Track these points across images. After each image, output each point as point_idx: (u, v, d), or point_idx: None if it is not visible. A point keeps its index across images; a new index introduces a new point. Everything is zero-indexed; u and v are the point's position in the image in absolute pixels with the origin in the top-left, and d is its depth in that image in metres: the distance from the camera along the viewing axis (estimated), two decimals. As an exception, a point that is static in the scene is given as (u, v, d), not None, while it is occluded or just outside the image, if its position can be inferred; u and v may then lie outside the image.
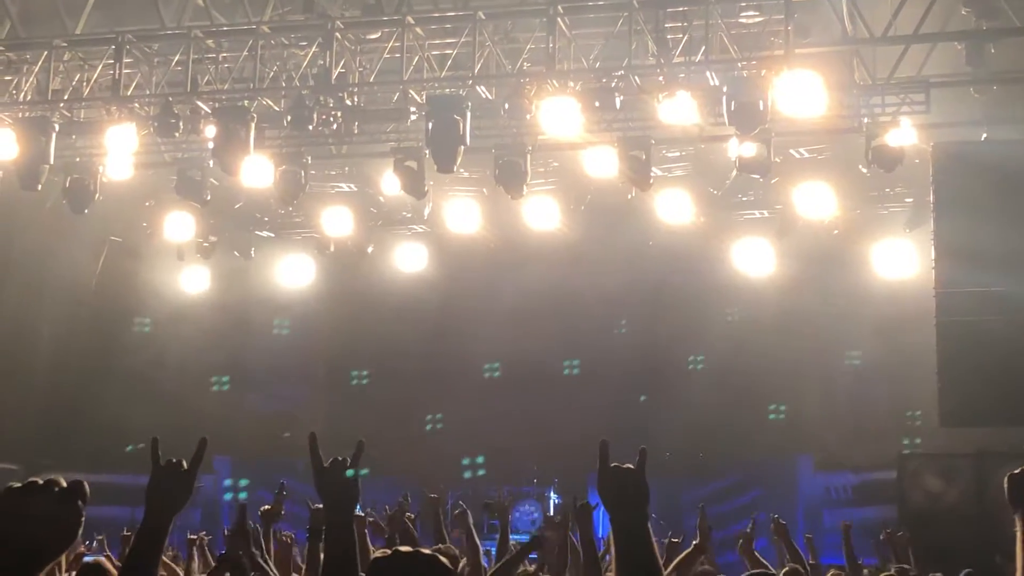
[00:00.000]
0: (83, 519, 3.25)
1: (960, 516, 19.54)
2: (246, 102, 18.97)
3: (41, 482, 3.28)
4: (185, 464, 4.30)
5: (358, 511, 5.00)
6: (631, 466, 4.24)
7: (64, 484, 3.30)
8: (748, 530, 11.30)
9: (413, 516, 11.16)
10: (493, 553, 11.11)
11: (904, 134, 18.41)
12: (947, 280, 19.14)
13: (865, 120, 18.78)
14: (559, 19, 17.76)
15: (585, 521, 7.68)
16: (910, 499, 20.20)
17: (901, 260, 22.23)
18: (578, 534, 8.16)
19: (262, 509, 9.62)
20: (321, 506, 4.58)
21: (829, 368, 23.71)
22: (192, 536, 12.28)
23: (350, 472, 4.45)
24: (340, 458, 4.48)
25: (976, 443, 19.92)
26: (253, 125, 18.64)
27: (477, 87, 18.71)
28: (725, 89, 17.03)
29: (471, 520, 10.17)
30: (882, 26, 17.98)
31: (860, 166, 19.55)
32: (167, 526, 4.20)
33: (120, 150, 19.55)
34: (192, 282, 25.89)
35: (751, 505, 22.69)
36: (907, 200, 22.27)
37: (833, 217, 21.47)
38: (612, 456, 4.26)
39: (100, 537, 15.80)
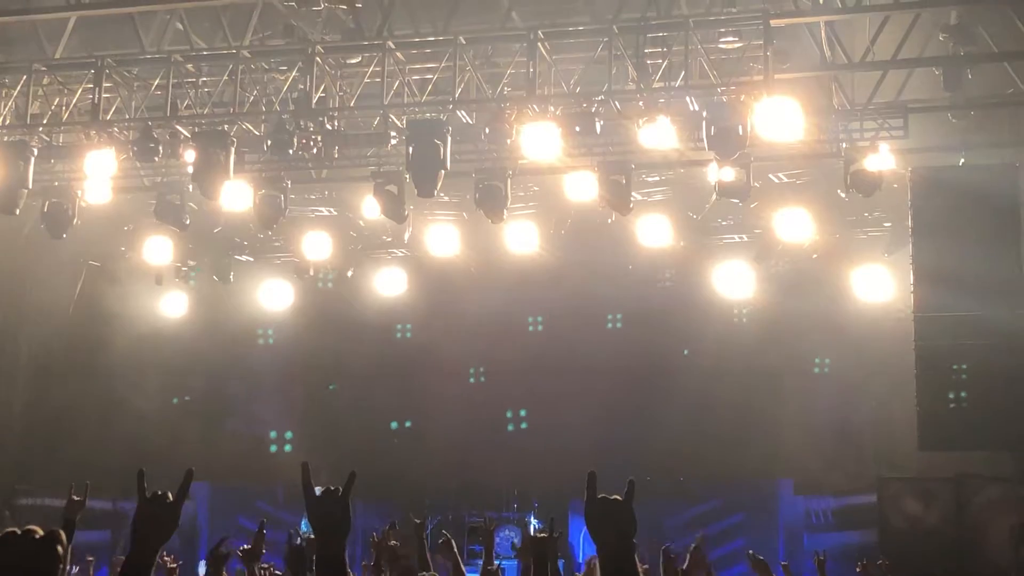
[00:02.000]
0: (60, 566, 3.23)
1: (940, 540, 19.59)
2: (226, 126, 18.94)
3: (19, 532, 3.27)
4: (171, 496, 4.31)
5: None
6: (619, 497, 4.26)
7: (41, 533, 3.29)
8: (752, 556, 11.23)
9: (397, 543, 11.09)
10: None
11: (882, 159, 18.50)
12: (926, 304, 19.23)
13: (844, 145, 18.87)
14: (539, 44, 17.81)
15: (551, 553, 7.63)
16: (890, 523, 20.23)
17: (880, 284, 22.29)
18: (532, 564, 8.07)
19: (242, 549, 9.54)
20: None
21: (809, 392, 23.74)
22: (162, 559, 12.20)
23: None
24: (332, 488, 4.46)
25: (955, 467, 19.98)
26: (233, 149, 18.62)
27: (457, 112, 18.74)
28: (705, 114, 17.08)
29: (455, 548, 10.12)
30: (860, 52, 18.12)
31: (839, 191, 19.64)
32: (153, 557, 4.22)
33: (99, 174, 19.48)
34: (171, 306, 25.80)
35: (733, 529, 22.72)
36: (886, 224, 22.36)
37: (812, 241, 21.54)
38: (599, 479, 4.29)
39: (91, 559, 15.81)
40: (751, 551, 11.36)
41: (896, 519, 20.15)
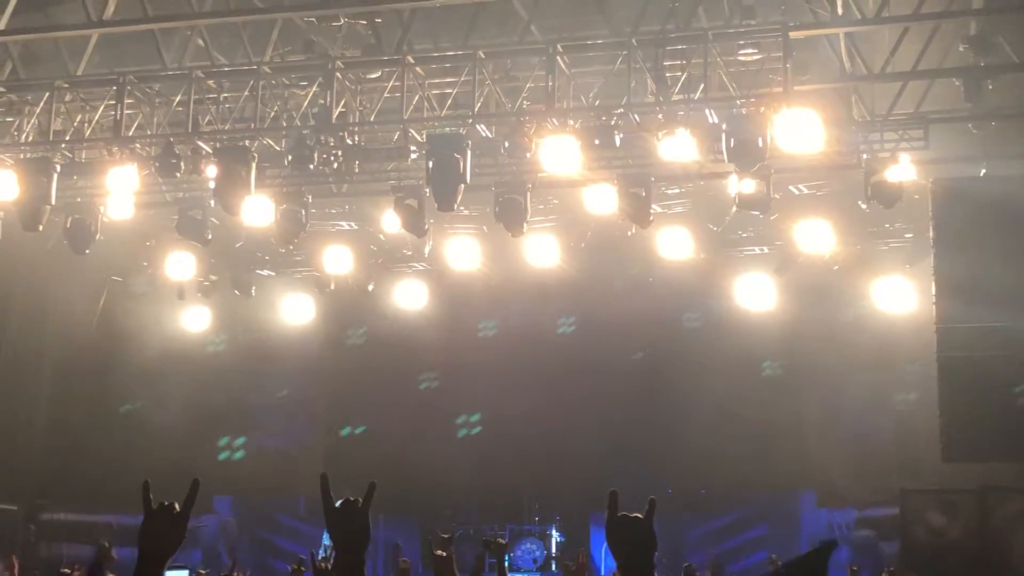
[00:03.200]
0: None
1: (963, 552, 19.50)
2: (247, 142, 19.02)
3: None
4: (178, 507, 4.27)
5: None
6: (639, 516, 4.28)
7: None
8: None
9: (409, 562, 11.06)
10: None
11: (903, 170, 18.46)
12: (948, 315, 19.15)
13: (864, 156, 18.84)
14: (558, 58, 17.82)
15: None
16: (913, 535, 20.15)
17: (901, 296, 22.22)
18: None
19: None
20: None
21: (831, 403, 23.68)
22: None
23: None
24: (352, 499, 4.46)
25: (978, 478, 19.88)
26: (254, 165, 18.68)
27: (477, 125, 18.77)
28: (724, 126, 17.07)
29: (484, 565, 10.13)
30: (880, 63, 18.08)
31: (860, 202, 19.59)
32: (161, 569, 4.18)
33: (121, 190, 19.59)
34: (193, 321, 25.89)
35: (755, 541, 22.67)
36: (907, 236, 22.30)
37: (833, 253, 21.48)
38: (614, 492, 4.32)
39: None
40: (773, 555, 11.31)
41: (919, 531, 20.07)
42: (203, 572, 11.69)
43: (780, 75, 17.17)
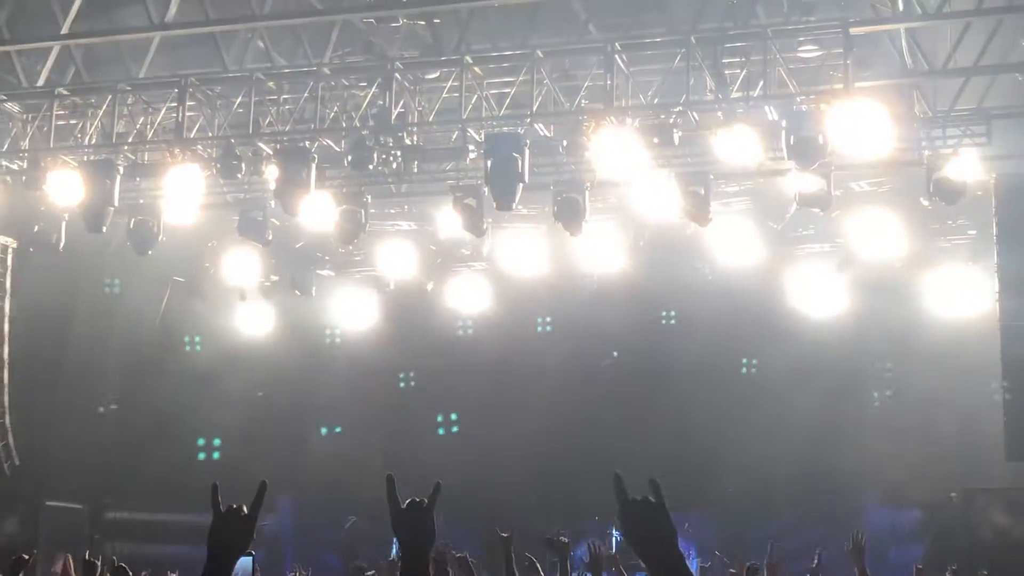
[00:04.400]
0: None
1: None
2: (307, 143, 19.14)
3: None
4: (245, 509, 4.33)
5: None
6: (651, 498, 4.01)
7: None
8: (814, 565, 11.15)
9: (470, 558, 11.02)
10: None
11: (966, 166, 18.28)
12: (1012, 312, 18.97)
13: (926, 152, 18.68)
14: (617, 56, 17.81)
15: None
16: (977, 535, 19.96)
17: (964, 293, 21.99)
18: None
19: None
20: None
21: (892, 401, 23.49)
22: None
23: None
24: (417, 500, 4.48)
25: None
26: (314, 165, 18.81)
27: (535, 125, 18.78)
28: (784, 123, 16.99)
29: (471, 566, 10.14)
30: (942, 59, 17.91)
31: (921, 199, 19.40)
32: (229, 571, 4.24)
33: (183, 192, 19.77)
34: (254, 321, 26.08)
35: (817, 541, 22.49)
36: (970, 232, 22.08)
37: (895, 250, 21.30)
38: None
39: (173, 574, 16.01)
40: (858, 530, 11.10)
41: (983, 531, 19.88)
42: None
43: (840, 72, 17.09)
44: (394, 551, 14.05)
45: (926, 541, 22.54)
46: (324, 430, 27.29)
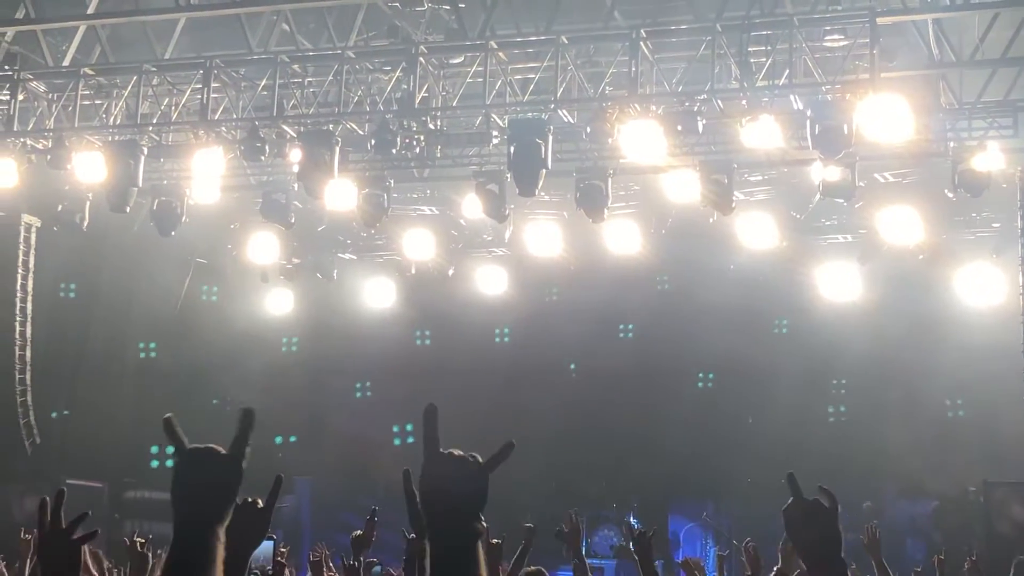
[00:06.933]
0: None
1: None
2: (331, 126, 19.17)
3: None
4: (260, 503, 4.29)
5: None
6: (825, 502, 4.15)
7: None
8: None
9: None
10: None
11: (991, 158, 18.18)
12: (1035, 306, 18.86)
13: (951, 144, 18.59)
14: (642, 43, 17.76)
15: (645, 552, 7.68)
16: (996, 528, 19.90)
17: (988, 286, 21.87)
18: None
19: (353, 535, 9.54)
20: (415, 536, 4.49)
21: (912, 394, 23.38)
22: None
23: None
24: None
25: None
26: (337, 149, 18.83)
27: (559, 111, 18.75)
28: (809, 113, 16.92)
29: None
30: (969, 50, 17.80)
31: (946, 190, 19.32)
32: (244, 565, 4.21)
33: (207, 173, 19.84)
34: (276, 304, 26.15)
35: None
36: (994, 225, 21.97)
37: (918, 242, 21.19)
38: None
39: None
40: (875, 522, 11.14)
41: (1002, 524, 19.82)
42: (284, 549, 11.82)
43: (866, 61, 17.00)
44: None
45: (944, 533, 22.47)
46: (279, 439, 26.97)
